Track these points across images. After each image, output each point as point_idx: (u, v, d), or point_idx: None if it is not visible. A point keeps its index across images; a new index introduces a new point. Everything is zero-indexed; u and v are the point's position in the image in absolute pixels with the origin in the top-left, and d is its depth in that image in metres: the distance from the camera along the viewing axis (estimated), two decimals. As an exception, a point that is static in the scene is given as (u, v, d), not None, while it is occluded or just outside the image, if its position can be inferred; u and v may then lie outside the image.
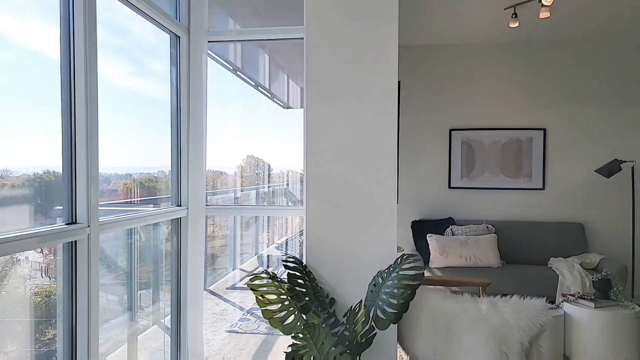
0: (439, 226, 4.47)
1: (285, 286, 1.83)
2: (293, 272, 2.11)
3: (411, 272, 1.87)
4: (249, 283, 1.88)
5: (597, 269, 4.18)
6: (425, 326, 2.20)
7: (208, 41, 2.78)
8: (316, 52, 2.33)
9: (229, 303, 4.62)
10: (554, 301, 2.64)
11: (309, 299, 1.94)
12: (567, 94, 4.74)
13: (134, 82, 2.50)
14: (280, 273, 2.88)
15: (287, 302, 1.86)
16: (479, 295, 2.51)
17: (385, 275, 1.96)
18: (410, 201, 4.83)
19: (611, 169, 4.14)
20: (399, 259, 1.97)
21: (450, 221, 4.59)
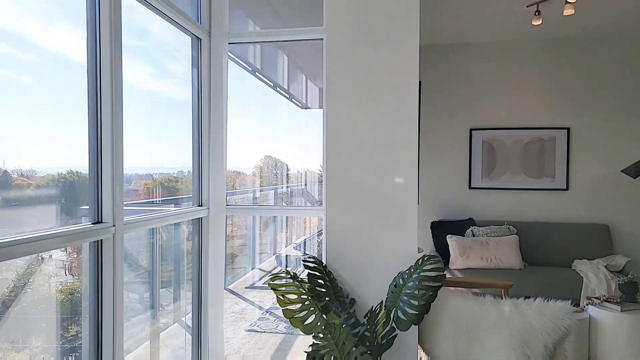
0: (459, 227, 4.41)
1: (306, 286, 1.84)
2: (313, 272, 2.12)
3: (432, 273, 1.85)
4: (270, 283, 1.89)
5: (623, 271, 4.07)
6: (446, 328, 2.18)
7: (228, 43, 2.81)
8: (336, 52, 2.34)
9: (248, 302, 4.66)
10: (578, 304, 2.59)
11: (329, 299, 1.95)
12: (592, 92, 4.63)
13: (153, 83, 2.54)
14: (299, 273, 2.89)
15: (307, 302, 1.87)
16: (501, 298, 2.47)
17: (406, 276, 1.95)
18: (429, 202, 4.79)
19: (638, 169, 4.02)
20: (420, 260, 1.96)
21: (471, 222, 4.53)
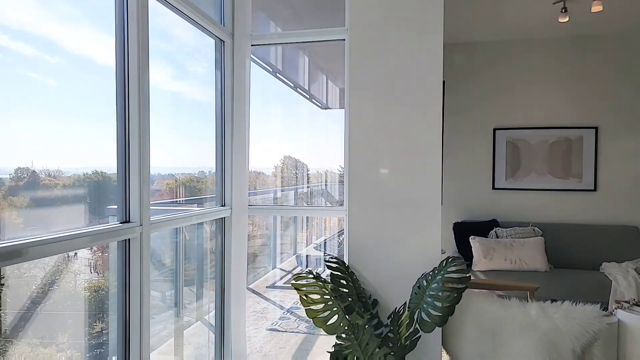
0: (482, 228, 4.35)
1: (329, 286, 1.85)
2: (336, 273, 2.12)
3: (457, 275, 1.83)
4: (293, 282, 1.90)
5: (654, 275, 3.94)
6: (470, 330, 2.15)
7: (251, 45, 2.84)
8: (359, 52, 2.33)
9: (269, 302, 4.69)
10: (606, 308, 2.52)
11: (352, 299, 1.95)
12: (621, 90, 4.50)
13: (175, 85, 2.58)
14: (320, 273, 2.89)
15: (330, 302, 1.87)
16: (526, 300, 2.43)
17: (430, 278, 1.93)
18: (452, 202, 4.74)
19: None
20: (444, 262, 1.94)
21: (494, 223, 4.46)
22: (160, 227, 2.22)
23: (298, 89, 4.67)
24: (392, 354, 1.78)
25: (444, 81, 2.25)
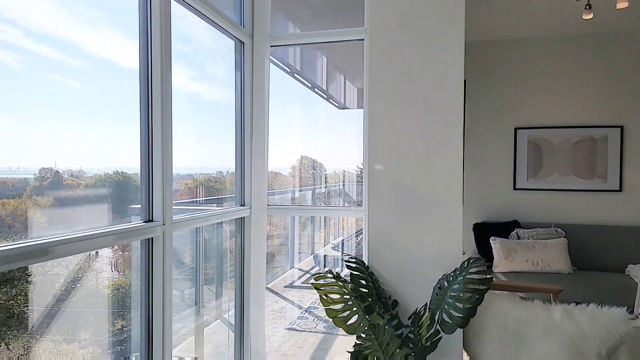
0: (503, 229, 4.29)
1: (349, 286, 1.85)
2: (355, 273, 2.12)
3: (478, 276, 1.82)
4: (314, 282, 1.91)
5: (682, 278, 3.82)
6: (492, 332, 2.12)
7: (270, 46, 2.86)
8: (378, 52, 2.32)
9: (287, 301, 4.72)
10: (632, 311, 2.45)
11: (372, 299, 1.95)
12: (647, 88, 4.38)
13: (194, 86, 2.61)
14: (339, 272, 2.89)
15: (350, 302, 1.87)
16: (549, 303, 2.38)
17: (451, 279, 1.91)
18: (472, 203, 4.68)
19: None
20: (465, 263, 1.92)
21: (516, 224, 4.39)
22: (182, 227, 2.25)
23: (315, 89, 4.68)
24: (412, 354, 1.77)
25: (465, 80, 2.23)
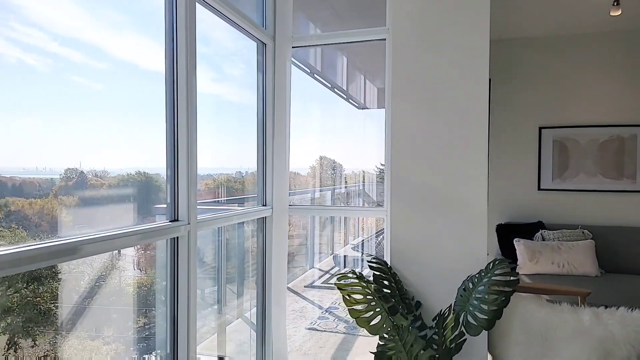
0: (527, 230, 4.20)
1: (372, 287, 1.84)
2: (378, 273, 2.12)
3: (504, 278, 1.79)
4: (337, 282, 1.91)
5: None
6: (518, 334, 2.08)
7: (292, 47, 2.87)
8: (401, 52, 2.31)
9: (307, 301, 4.73)
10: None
11: (395, 300, 1.94)
12: (680, 85, 4.23)
13: (214, 87, 2.64)
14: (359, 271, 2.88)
15: (373, 303, 1.87)
16: (577, 306, 2.33)
17: (476, 280, 1.89)
18: (495, 203, 4.60)
19: None
20: (491, 264, 1.89)
21: (540, 225, 4.29)
22: (206, 226, 2.29)
23: (335, 89, 4.67)
24: (437, 356, 1.75)
25: (489, 79, 2.20)
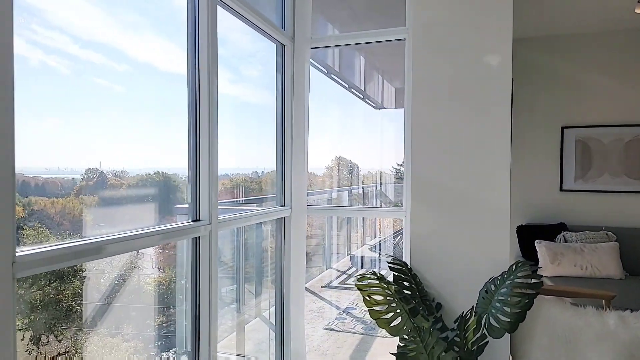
0: (548, 232, 4.13)
1: (393, 288, 1.84)
2: (398, 274, 2.11)
3: (528, 280, 1.76)
4: (357, 283, 1.91)
5: None
6: (541, 338, 2.05)
7: (311, 48, 2.88)
8: (421, 52, 2.30)
9: (325, 301, 4.73)
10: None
11: (416, 302, 1.93)
12: None
13: (231, 88, 2.66)
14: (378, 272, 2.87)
15: (394, 304, 1.86)
16: (601, 309, 2.28)
17: (498, 282, 1.87)
18: (515, 204, 4.53)
19: None
20: (514, 266, 1.87)
21: (562, 227, 4.21)
22: (227, 226, 2.31)
23: (352, 90, 4.67)
24: (458, 358, 1.74)
25: (512, 79, 2.17)
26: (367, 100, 4.84)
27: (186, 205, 2.09)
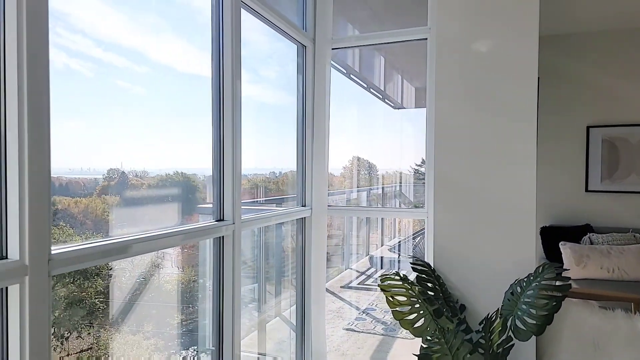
0: (573, 233, 4.04)
1: (417, 289, 1.83)
2: (422, 275, 2.10)
3: (555, 282, 1.73)
4: (380, 284, 1.91)
5: None
6: (568, 341, 2.01)
7: (332, 49, 2.89)
8: (444, 51, 2.28)
9: (344, 302, 4.73)
10: None
11: (440, 303, 1.91)
12: None
13: (250, 89, 2.69)
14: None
15: (417, 305, 1.85)
16: (631, 312, 2.22)
17: (525, 284, 1.84)
18: (539, 205, 4.41)
19: None
20: (540, 268, 1.84)
21: (588, 228, 4.12)
22: (250, 226, 2.34)
23: (371, 89, 4.65)
24: (483, 361, 1.72)
25: (539, 78, 2.13)
26: (386, 100, 4.81)
27: (209, 205, 2.12)
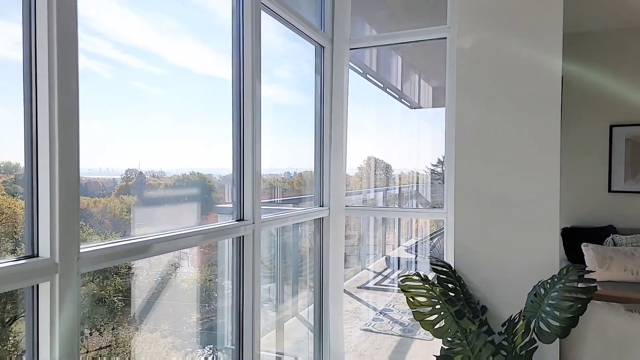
0: (596, 235, 3.96)
1: (438, 290, 1.82)
2: (442, 276, 2.08)
3: (580, 284, 1.70)
4: (401, 284, 1.90)
5: None
6: (593, 344, 1.97)
7: (350, 49, 2.89)
8: (465, 50, 2.25)
9: (361, 302, 4.72)
10: None
11: (461, 304, 1.90)
12: None
13: (266, 89, 2.70)
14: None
15: (438, 306, 1.84)
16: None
17: (548, 286, 1.81)
18: (561, 206, 4.36)
19: None
20: (565, 270, 1.81)
21: (611, 229, 4.03)
22: (269, 226, 2.35)
23: (387, 89, 4.63)
24: (506, 363, 1.70)
25: (562, 77, 2.09)
26: (403, 100, 4.79)
27: (226, 205, 2.14)
